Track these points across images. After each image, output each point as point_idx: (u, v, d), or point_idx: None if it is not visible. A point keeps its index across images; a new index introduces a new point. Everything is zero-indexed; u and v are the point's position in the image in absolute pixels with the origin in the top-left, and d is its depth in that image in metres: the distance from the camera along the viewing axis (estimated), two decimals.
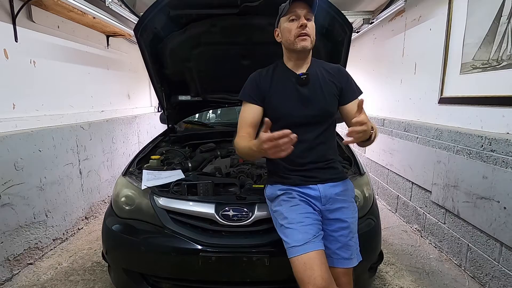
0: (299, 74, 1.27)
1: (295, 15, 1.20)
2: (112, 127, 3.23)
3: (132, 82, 3.93)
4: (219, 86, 2.38)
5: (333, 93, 1.28)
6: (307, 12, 1.19)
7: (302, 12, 1.19)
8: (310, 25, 1.20)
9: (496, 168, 1.69)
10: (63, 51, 2.60)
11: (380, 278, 1.93)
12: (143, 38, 1.84)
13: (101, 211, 3.01)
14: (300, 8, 1.19)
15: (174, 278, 1.48)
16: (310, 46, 1.22)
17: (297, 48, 1.21)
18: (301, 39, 1.19)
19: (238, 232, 1.41)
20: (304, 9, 1.19)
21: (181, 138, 2.46)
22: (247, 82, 1.35)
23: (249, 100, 1.30)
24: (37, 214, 2.17)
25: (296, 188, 1.26)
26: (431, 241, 2.37)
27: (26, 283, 1.91)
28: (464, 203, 1.95)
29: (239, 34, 1.95)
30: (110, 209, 1.63)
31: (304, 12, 1.19)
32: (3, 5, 2.00)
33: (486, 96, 1.85)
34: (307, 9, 1.19)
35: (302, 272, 1.07)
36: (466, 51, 2.02)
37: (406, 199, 2.75)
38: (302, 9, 1.19)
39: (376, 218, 1.54)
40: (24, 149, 2.05)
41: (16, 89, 2.09)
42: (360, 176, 1.66)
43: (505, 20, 1.71)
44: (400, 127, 2.83)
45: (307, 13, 1.19)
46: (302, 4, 1.18)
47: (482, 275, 1.83)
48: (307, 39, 1.20)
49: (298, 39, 1.20)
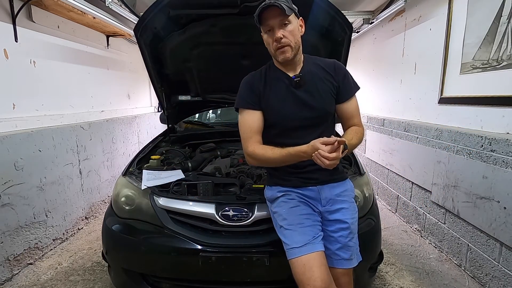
0: (292, 77, 1.22)
1: (269, 26, 1.14)
2: (112, 127, 3.23)
3: (132, 82, 3.93)
4: (219, 86, 2.38)
5: (330, 92, 1.25)
6: (281, 19, 1.12)
7: (275, 22, 1.12)
8: (287, 31, 1.13)
9: (496, 168, 1.69)
10: (63, 51, 2.60)
11: (380, 278, 1.93)
12: (143, 38, 1.84)
13: (101, 211, 3.01)
14: (272, 18, 1.12)
15: (174, 278, 1.48)
16: (291, 55, 1.17)
17: (279, 60, 1.20)
18: (280, 52, 1.16)
19: (238, 232, 1.41)
20: (276, 17, 1.11)
21: (181, 138, 2.46)
22: (241, 87, 1.30)
23: (248, 107, 1.25)
24: (37, 214, 2.17)
25: (296, 189, 1.25)
26: (431, 241, 2.37)
27: (26, 283, 1.91)
28: (464, 203, 1.95)
29: (239, 34, 1.95)
30: (110, 209, 1.63)
31: (277, 21, 1.12)
32: (3, 5, 2.00)
33: (486, 96, 1.85)
34: (279, 16, 1.11)
35: (301, 273, 1.07)
36: (466, 51, 2.02)
37: (406, 199, 2.75)
38: (274, 18, 1.11)
39: (376, 218, 1.54)
40: (24, 149, 2.05)
41: (16, 89, 2.09)
42: (360, 176, 1.66)
43: (505, 20, 1.71)
44: (400, 127, 2.83)
45: (281, 20, 1.12)
46: (272, 12, 1.10)
47: (482, 275, 1.83)
48: (286, 50, 1.15)
49: (277, 52, 1.17)
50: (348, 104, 1.29)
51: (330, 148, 1.01)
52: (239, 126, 1.28)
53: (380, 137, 3.29)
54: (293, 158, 1.14)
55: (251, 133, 1.24)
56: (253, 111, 1.25)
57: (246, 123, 1.25)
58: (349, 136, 1.21)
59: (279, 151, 1.16)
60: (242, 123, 1.27)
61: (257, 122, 1.25)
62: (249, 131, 1.24)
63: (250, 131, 1.24)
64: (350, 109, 1.29)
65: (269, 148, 1.20)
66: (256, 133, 1.24)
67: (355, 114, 1.29)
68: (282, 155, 1.15)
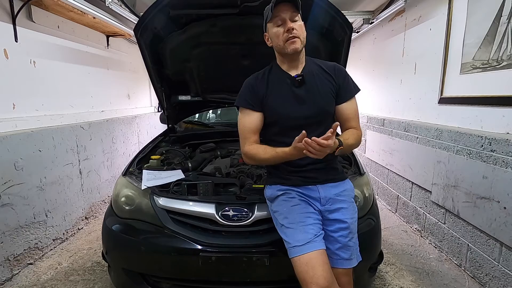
0: (294, 76, 1.25)
1: (280, 19, 1.18)
2: (112, 127, 3.23)
3: (132, 82, 3.93)
4: (219, 86, 2.38)
5: (330, 92, 1.27)
6: (292, 13, 1.17)
7: (286, 15, 1.17)
8: (297, 26, 1.18)
9: (496, 168, 1.69)
10: (63, 51, 2.60)
11: (380, 278, 1.93)
12: (143, 38, 1.84)
13: (101, 211, 3.01)
14: (284, 11, 1.16)
15: (174, 278, 1.48)
16: (300, 47, 1.21)
17: (288, 52, 1.21)
18: (290, 42, 1.19)
19: (238, 232, 1.41)
20: (288, 11, 1.16)
21: (181, 138, 2.46)
22: (243, 87, 1.33)
23: (248, 107, 1.28)
24: (37, 214, 2.17)
25: (296, 188, 1.26)
26: (431, 241, 2.37)
27: (26, 283, 1.91)
28: (464, 203, 1.95)
29: (239, 34, 1.95)
30: (110, 209, 1.63)
31: (289, 15, 1.17)
32: (3, 5, 2.00)
33: (486, 96, 1.85)
34: (291, 10, 1.16)
35: (304, 272, 1.07)
36: (466, 51, 2.02)
37: (406, 199, 2.75)
38: (286, 11, 1.16)
39: (376, 218, 1.54)
40: (24, 149, 2.05)
41: (16, 89, 2.09)
42: (360, 176, 1.66)
43: (505, 20, 1.71)
44: (400, 127, 2.83)
45: (292, 14, 1.17)
46: (285, 7, 1.16)
47: (482, 275, 1.83)
48: (296, 41, 1.18)
49: (287, 43, 1.19)
50: (347, 105, 1.29)
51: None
52: (238, 125, 1.32)
53: (380, 137, 3.29)
54: (281, 159, 1.19)
55: (248, 133, 1.28)
56: (252, 112, 1.28)
57: (244, 123, 1.29)
58: (346, 136, 1.22)
59: (270, 151, 1.21)
60: (241, 122, 1.30)
61: (255, 123, 1.28)
62: (246, 131, 1.28)
63: (247, 131, 1.28)
64: (349, 111, 1.29)
65: (262, 149, 1.24)
66: (253, 133, 1.28)
67: (353, 116, 1.30)
68: (272, 155, 1.20)
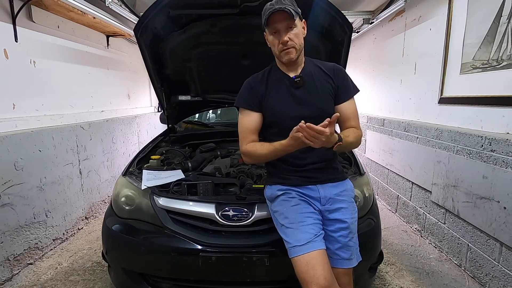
0: (292, 77, 1.26)
1: (275, 29, 1.19)
2: (112, 127, 3.23)
3: (132, 82, 3.93)
4: (219, 86, 2.38)
5: (329, 93, 1.28)
6: (288, 22, 1.16)
7: (281, 25, 1.16)
8: (293, 35, 1.18)
9: (496, 168, 1.69)
10: (63, 51, 2.60)
11: (380, 278, 1.93)
12: (143, 38, 1.84)
13: (101, 211, 3.01)
14: (279, 22, 1.16)
15: (174, 278, 1.48)
16: (295, 57, 1.22)
17: (283, 61, 1.24)
18: (285, 53, 1.20)
19: (238, 232, 1.41)
20: (283, 21, 1.16)
21: (181, 138, 2.46)
22: (243, 88, 1.34)
23: (247, 107, 1.29)
24: (37, 214, 2.17)
25: (296, 188, 1.26)
26: (431, 241, 2.37)
27: (26, 283, 1.91)
28: (464, 203, 1.95)
29: (239, 34, 1.95)
30: (110, 209, 1.63)
31: (284, 25, 1.16)
32: (3, 5, 2.00)
33: (486, 96, 1.85)
34: (286, 19, 1.15)
35: (305, 272, 1.07)
36: (466, 51, 2.02)
37: (406, 199, 2.75)
38: (281, 21, 1.16)
39: (376, 218, 1.54)
40: (24, 149, 2.05)
41: (16, 89, 2.09)
42: (360, 176, 1.66)
43: (505, 20, 1.71)
44: (400, 127, 2.83)
45: (288, 23, 1.16)
46: (280, 16, 1.15)
47: (482, 275, 1.83)
48: (291, 51, 1.19)
49: (282, 53, 1.21)
50: (346, 105, 1.30)
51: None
52: (238, 125, 1.33)
53: (380, 137, 3.29)
54: (279, 152, 1.18)
55: (247, 133, 1.29)
56: (251, 112, 1.29)
57: (244, 124, 1.31)
58: (346, 133, 1.22)
59: (267, 146, 1.21)
60: (240, 123, 1.32)
61: (254, 123, 1.29)
62: (245, 131, 1.30)
63: (246, 131, 1.30)
64: (348, 111, 1.29)
65: (259, 145, 1.25)
66: (252, 133, 1.29)
67: (352, 116, 1.30)
68: (270, 149, 1.20)
